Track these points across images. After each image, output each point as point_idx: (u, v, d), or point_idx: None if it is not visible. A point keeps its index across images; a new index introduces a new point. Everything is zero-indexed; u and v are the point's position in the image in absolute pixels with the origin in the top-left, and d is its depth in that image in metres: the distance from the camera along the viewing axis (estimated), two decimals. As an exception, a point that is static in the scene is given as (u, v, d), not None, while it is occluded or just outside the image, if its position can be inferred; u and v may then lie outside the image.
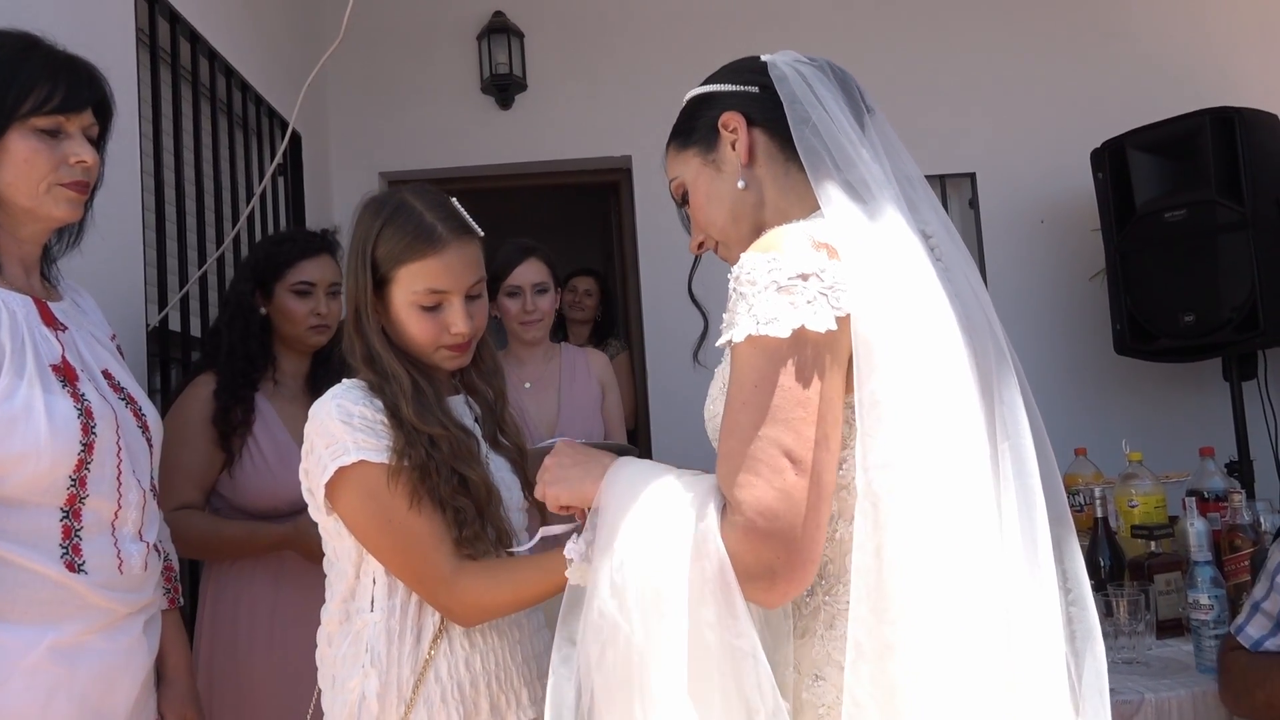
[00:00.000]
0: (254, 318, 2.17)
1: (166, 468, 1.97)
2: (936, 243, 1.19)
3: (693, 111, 1.29)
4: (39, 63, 1.43)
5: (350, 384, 1.42)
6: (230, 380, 2.10)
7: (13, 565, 1.35)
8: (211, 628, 2.08)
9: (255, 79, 3.16)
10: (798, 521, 0.99)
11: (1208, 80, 3.91)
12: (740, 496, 1.00)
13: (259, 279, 2.19)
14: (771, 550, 0.99)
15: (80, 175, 1.47)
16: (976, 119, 4.02)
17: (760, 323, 1.02)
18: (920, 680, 1.00)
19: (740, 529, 0.99)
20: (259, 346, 2.16)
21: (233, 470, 2.08)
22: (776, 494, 0.99)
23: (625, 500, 1.08)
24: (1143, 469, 2.47)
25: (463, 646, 1.38)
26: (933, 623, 1.01)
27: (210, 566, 2.14)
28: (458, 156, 4.02)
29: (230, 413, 2.07)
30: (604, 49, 4.09)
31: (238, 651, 2.04)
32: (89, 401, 1.44)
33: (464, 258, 1.42)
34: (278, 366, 2.20)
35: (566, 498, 1.19)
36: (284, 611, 2.03)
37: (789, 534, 0.99)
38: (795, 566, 0.99)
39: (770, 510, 0.99)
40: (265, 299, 2.19)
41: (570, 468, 1.20)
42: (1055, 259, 4.01)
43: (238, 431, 2.07)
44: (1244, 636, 1.77)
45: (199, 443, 2.05)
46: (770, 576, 0.99)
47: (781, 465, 0.99)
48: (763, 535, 0.98)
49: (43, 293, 1.52)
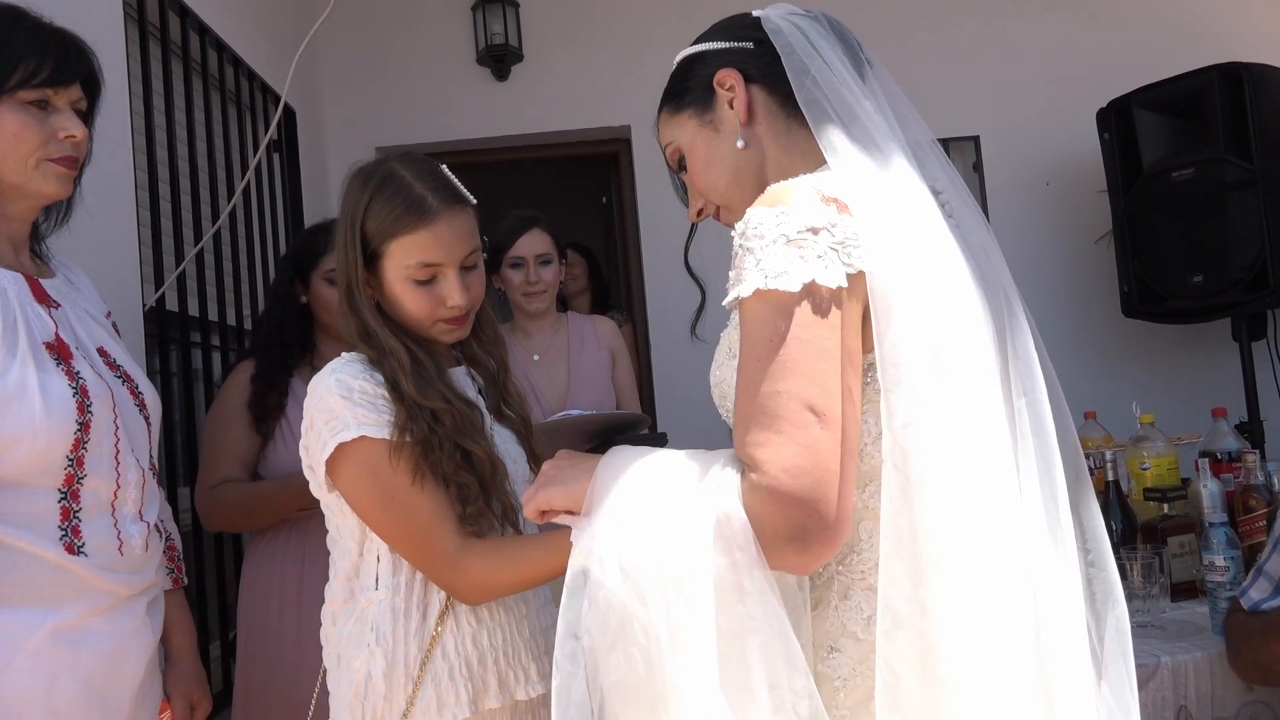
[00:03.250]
0: (292, 306, 2.24)
1: (209, 448, 2.19)
2: (947, 199, 1.15)
3: (685, 72, 1.23)
4: (26, 35, 1.40)
5: (350, 357, 1.39)
6: (266, 366, 2.18)
7: (11, 548, 1.33)
8: (249, 607, 2.17)
9: (247, 53, 3.11)
10: (827, 477, 0.93)
11: (1215, 36, 3.85)
12: (761, 456, 0.94)
13: (297, 268, 2.27)
14: (802, 510, 0.92)
15: (69, 150, 1.44)
16: (979, 81, 3.97)
17: (769, 276, 0.98)
18: (959, 644, 0.95)
19: (765, 490, 0.92)
20: (296, 334, 2.23)
21: (267, 451, 2.17)
22: (801, 449, 0.93)
23: (628, 480, 1.02)
24: (1154, 431, 2.44)
25: (469, 623, 1.36)
26: (968, 585, 0.97)
27: (249, 547, 2.24)
28: (454, 129, 3.98)
29: (265, 397, 2.15)
30: (600, 17, 4.03)
31: (269, 629, 2.12)
32: (84, 380, 1.41)
33: (456, 228, 1.38)
34: (317, 353, 2.26)
35: (560, 499, 1.10)
36: (312, 589, 2.05)
37: (819, 491, 0.92)
38: (828, 526, 0.93)
39: (796, 467, 0.92)
40: (304, 288, 2.26)
41: (566, 468, 1.13)
42: (1061, 222, 3.97)
43: (271, 414, 2.15)
44: (1246, 599, 1.77)
45: (237, 424, 2.14)
46: (803, 539, 0.93)
47: (805, 420, 0.94)
48: (790, 495, 0.92)
49: (34, 270, 1.49)
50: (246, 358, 2.25)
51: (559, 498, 1.11)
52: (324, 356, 2.22)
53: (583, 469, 1.10)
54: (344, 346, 2.15)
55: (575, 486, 1.08)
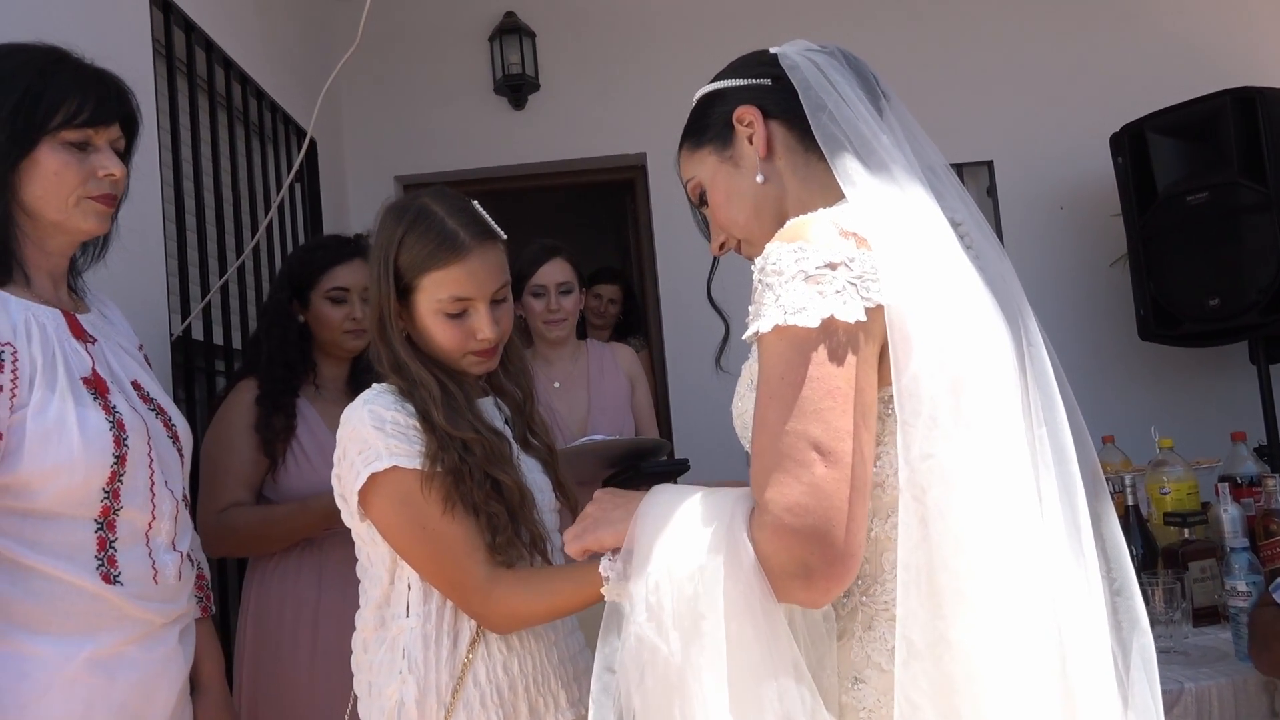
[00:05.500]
0: (291, 326, 2.20)
1: (214, 471, 2.06)
2: (966, 230, 1.17)
3: (704, 109, 1.26)
4: (68, 77, 1.44)
5: (381, 388, 1.42)
6: (271, 387, 2.13)
7: (50, 578, 1.36)
8: (257, 629, 2.10)
9: (269, 86, 3.16)
10: (831, 515, 0.95)
11: (1228, 60, 3.87)
12: (768, 496, 0.97)
13: (294, 287, 2.23)
14: (804, 546, 0.95)
15: (108, 188, 1.47)
16: (992, 106, 3.99)
17: (788, 312, 1.00)
18: (979, 676, 0.97)
19: (769, 528, 0.96)
20: (298, 354, 2.19)
21: (277, 473, 2.11)
22: (805, 488, 0.95)
23: (658, 522, 1.05)
24: (1173, 455, 2.44)
25: (500, 650, 1.38)
26: (987, 615, 0.98)
27: (253, 569, 2.17)
28: (472, 158, 4.02)
29: (273, 419, 2.10)
30: (616, 46, 4.08)
31: (282, 652, 2.06)
32: (120, 414, 1.44)
33: (488, 264, 1.41)
34: (318, 372, 2.24)
35: (610, 540, 1.14)
36: (328, 612, 2.04)
37: (821, 528, 0.95)
38: (833, 562, 0.95)
39: (798, 506, 0.95)
40: (302, 307, 2.23)
41: (612, 509, 1.16)
42: (1075, 245, 3.98)
43: (280, 437, 2.10)
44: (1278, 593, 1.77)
45: (243, 447, 2.08)
46: (806, 575, 0.96)
47: (809, 459, 0.96)
48: (792, 532, 0.95)
49: (70, 305, 1.53)
50: (243, 377, 2.19)
51: (609, 539, 1.14)
52: (325, 376, 2.23)
53: (627, 510, 1.12)
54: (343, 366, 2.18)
55: (624, 527, 1.10)
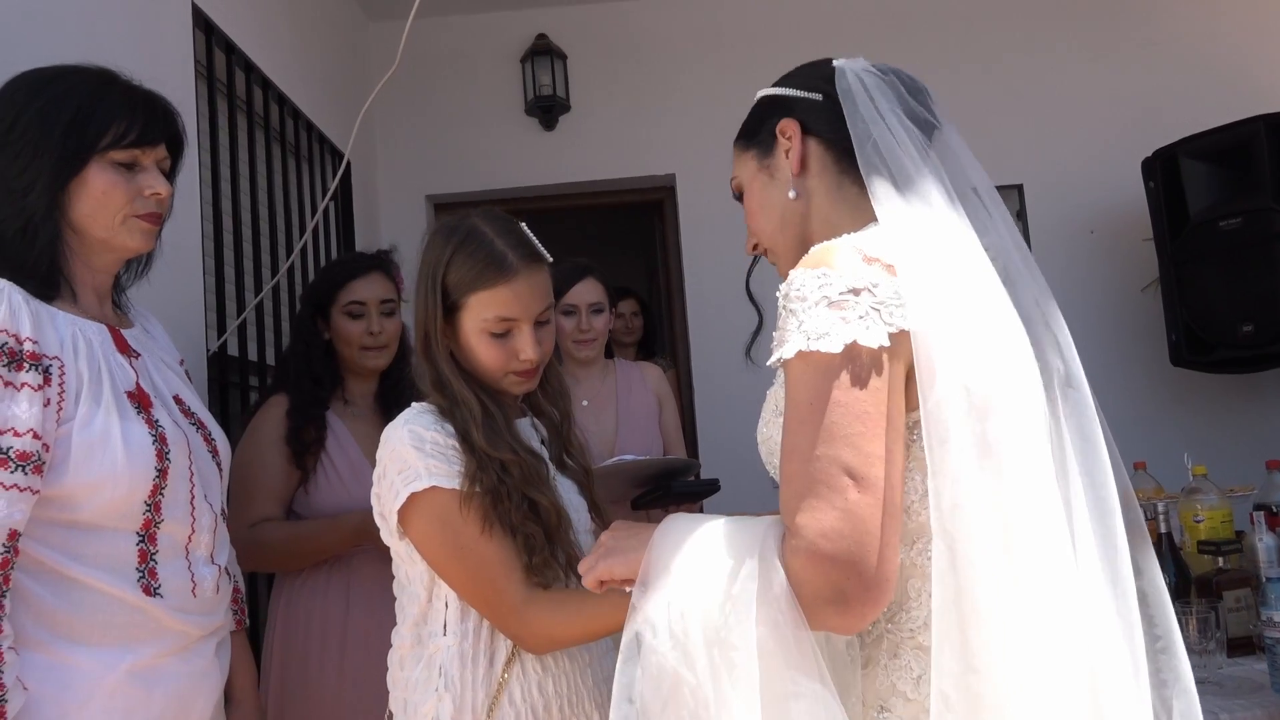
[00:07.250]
0: (316, 342, 2.24)
1: (245, 486, 2.06)
2: (1001, 254, 1.16)
3: (759, 112, 1.28)
4: (117, 98, 1.47)
5: (421, 408, 1.43)
6: (300, 401, 2.16)
7: (92, 589, 1.38)
8: (283, 645, 2.11)
9: (306, 107, 3.21)
10: (865, 540, 0.95)
11: (1261, 86, 3.85)
12: (800, 522, 0.96)
13: (316, 305, 2.27)
14: (839, 572, 0.94)
15: (154, 207, 1.51)
16: (1023, 129, 3.99)
17: (811, 338, 1.00)
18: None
19: (803, 554, 0.95)
20: (324, 369, 2.22)
21: (308, 487, 2.13)
22: (839, 514, 0.95)
23: (680, 549, 1.04)
24: (1207, 483, 2.42)
25: (535, 670, 1.38)
26: (1022, 669, 0.96)
27: (281, 584, 2.18)
28: (503, 178, 4.06)
29: (303, 432, 2.12)
30: (645, 69, 4.11)
31: (309, 669, 2.07)
32: (163, 428, 1.47)
33: (534, 285, 1.43)
34: (345, 388, 2.26)
35: (621, 570, 1.13)
36: (355, 629, 2.05)
37: (856, 554, 0.94)
38: (869, 587, 0.95)
39: (833, 530, 0.95)
40: (325, 324, 2.26)
41: (626, 539, 1.16)
42: (1106, 270, 3.96)
43: (311, 450, 2.13)
44: None
45: (274, 461, 2.11)
46: (842, 600, 0.95)
47: (842, 484, 0.96)
48: (827, 558, 0.94)
49: (115, 320, 1.55)
50: (274, 393, 2.22)
51: (620, 569, 1.14)
52: (353, 393, 2.26)
53: (640, 539, 1.12)
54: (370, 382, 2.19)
55: (636, 556, 1.09)
